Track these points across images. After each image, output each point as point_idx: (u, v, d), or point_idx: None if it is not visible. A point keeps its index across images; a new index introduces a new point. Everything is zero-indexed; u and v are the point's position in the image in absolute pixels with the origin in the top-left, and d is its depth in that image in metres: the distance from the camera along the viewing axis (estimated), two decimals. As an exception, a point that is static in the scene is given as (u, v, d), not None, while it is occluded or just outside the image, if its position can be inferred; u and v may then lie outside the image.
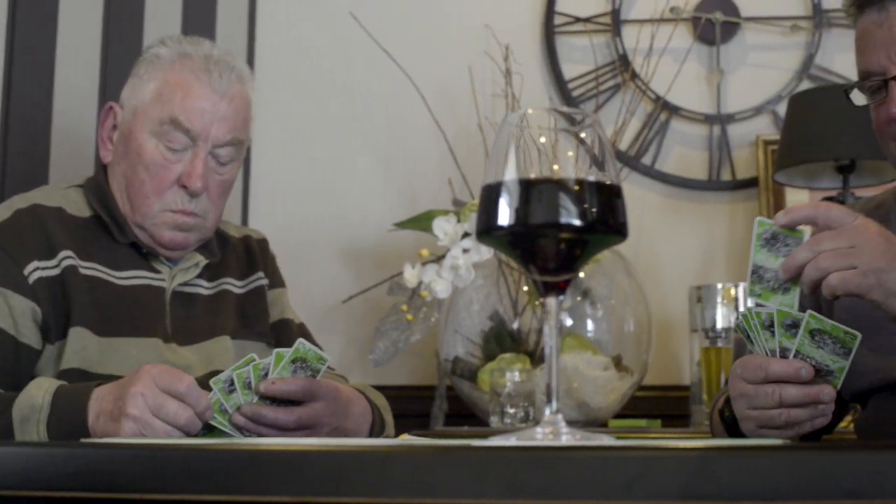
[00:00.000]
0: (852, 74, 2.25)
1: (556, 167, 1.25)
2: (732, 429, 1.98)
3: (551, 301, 1.28)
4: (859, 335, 1.77)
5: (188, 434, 1.84)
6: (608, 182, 1.25)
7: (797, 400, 1.79)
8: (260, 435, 1.93)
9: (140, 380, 1.84)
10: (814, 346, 1.77)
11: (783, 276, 1.75)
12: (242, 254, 2.58)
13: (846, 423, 2.88)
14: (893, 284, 1.67)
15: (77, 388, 1.96)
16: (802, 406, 1.80)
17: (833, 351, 1.77)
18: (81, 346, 2.19)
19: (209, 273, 2.47)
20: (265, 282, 2.58)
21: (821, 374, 1.79)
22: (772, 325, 1.80)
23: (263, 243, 2.66)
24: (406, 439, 1.78)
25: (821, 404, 1.80)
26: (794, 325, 1.78)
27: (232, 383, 1.90)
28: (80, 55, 3.39)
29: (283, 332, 2.54)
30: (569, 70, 4.29)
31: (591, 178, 1.23)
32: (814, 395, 1.79)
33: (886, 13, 2.09)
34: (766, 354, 1.82)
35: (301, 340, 1.97)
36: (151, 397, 1.82)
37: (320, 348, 2.00)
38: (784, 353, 1.80)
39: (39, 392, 1.95)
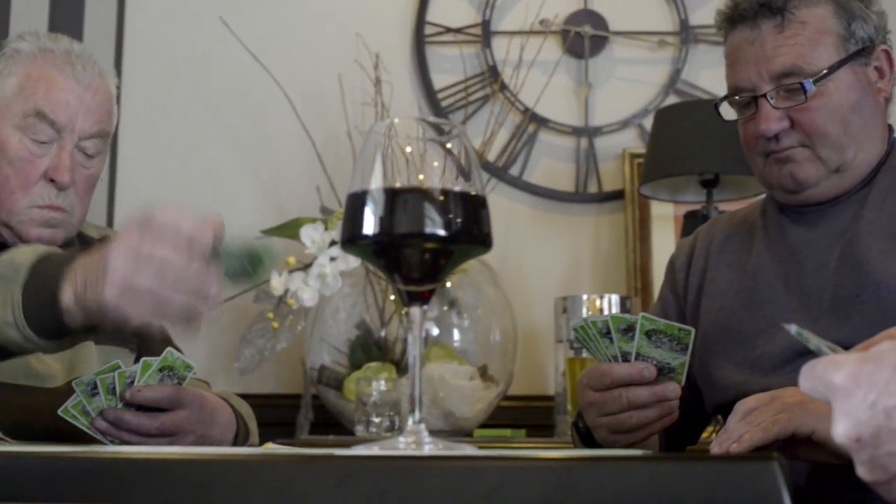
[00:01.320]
0: (718, 90, 2.29)
1: (421, 177, 1.25)
2: (587, 439, 2.00)
3: (415, 311, 1.29)
4: (693, 329, 1.80)
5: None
6: (473, 193, 1.25)
7: (645, 400, 1.82)
8: (123, 441, 1.90)
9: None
10: (652, 347, 1.81)
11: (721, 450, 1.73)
12: (104, 255, 2.53)
13: (708, 433, 2.92)
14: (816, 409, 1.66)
15: (62, 254, 1.78)
16: (650, 406, 1.83)
17: (671, 348, 1.81)
18: None
19: (72, 277, 2.42)
20: (128, 285, 2.53)
21: (663, 372, 1.83)
22: (609, 332, 1.83)
23: (125, 244, 2.60)
24: (270, 448, 1.77)
25: (668, 402, 1.83)
26: (629, 329, 1.81)
27: (95, 387, 1.88)
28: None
29: (146, 337, 2.51)
30: (438, 80, 4.30)
31: (457, 188, 1.24)
32: (660, 394, 1.82)
33: (759, 31, 2.13)
34: (608, 361, 1.86)
35: (169, 349, 1.95)
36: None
37: (184, 354, 1.98)
38: (625, 358, 1.83)
39: (25, 253, 1.75)
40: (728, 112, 2.25)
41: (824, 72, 2.08)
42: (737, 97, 2.19)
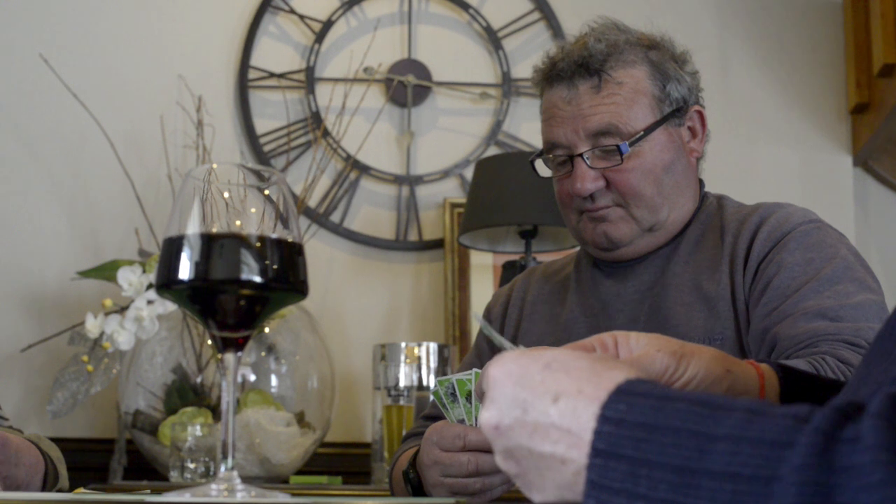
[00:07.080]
0: (538, 142, 2.31)
1: (239, 223, 1.25)
2: (417, 490, 1.98)
3: (229, 357, 1.29)
4: None
5: None
6: (291, 240, 1.26)
7: (492, 469, 1.79)
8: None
9: None
10: None
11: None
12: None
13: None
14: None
15: None
16: (496, 474, 1.81)
17: None
18: None
19: None
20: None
21: None
22: (454, 394, 1.83)
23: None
24: (81, 493, 1.74)
25: None
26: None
27: None
28: None
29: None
30: (261, 125, 4.29)
31: (274, 235, 1.24)
32: None
33: (576, 90, 2.15)
34: (458, 422, 1.84)
35: (-30, 388, 1.92)
36: None
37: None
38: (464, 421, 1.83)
39: None
40: (543, 169, 2.26)
41: (640, 133, 2.12)
42: (551, 155, 2.21)
